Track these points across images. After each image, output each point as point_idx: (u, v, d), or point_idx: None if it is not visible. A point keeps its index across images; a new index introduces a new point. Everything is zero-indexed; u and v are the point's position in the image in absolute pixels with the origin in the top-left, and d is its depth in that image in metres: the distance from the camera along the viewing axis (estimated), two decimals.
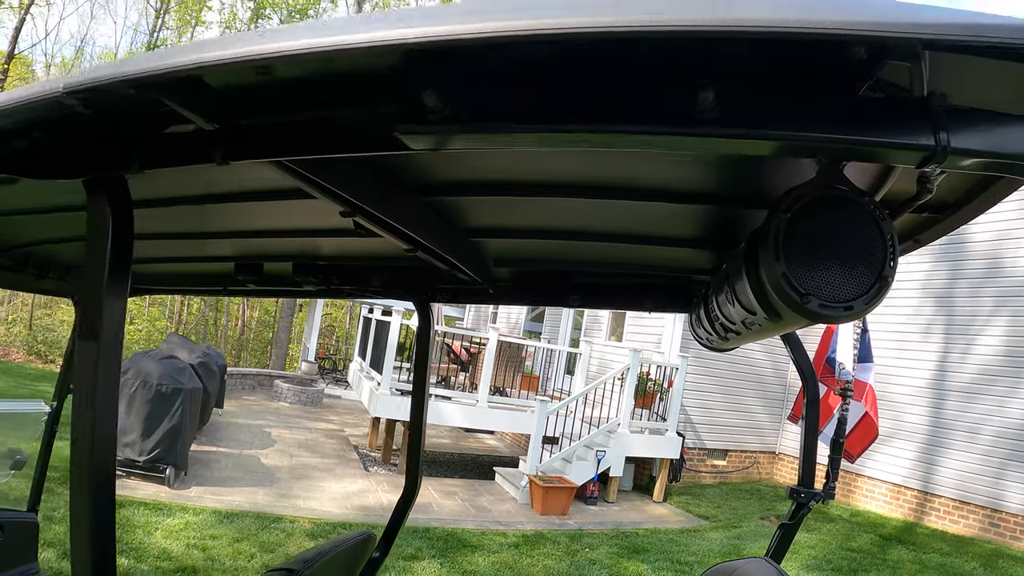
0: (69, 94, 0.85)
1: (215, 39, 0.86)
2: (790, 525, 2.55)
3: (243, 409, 14.72)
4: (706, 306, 1.68)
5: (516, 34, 0.64)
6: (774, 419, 14.70)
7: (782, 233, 0.94)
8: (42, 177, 1.06)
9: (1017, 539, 10.13)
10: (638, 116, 0.77)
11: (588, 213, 1.71)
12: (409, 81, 0.80)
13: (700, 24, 0.61)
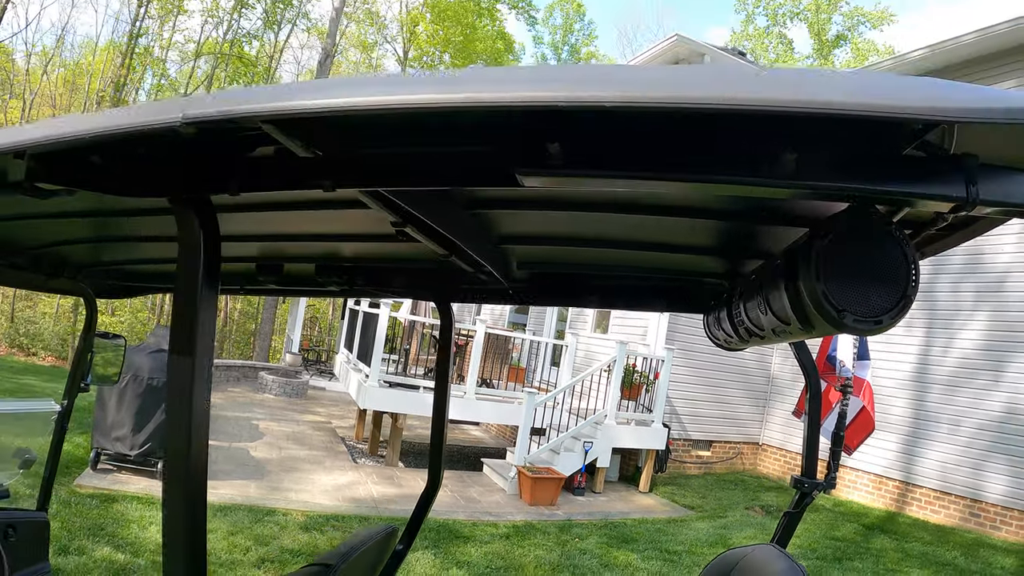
0: (188, 124, 0.88)
1: (351, 80, 0.90)
2: (794, 513, 2.68)
3: (229, 401, 14.68)
4: (729, 311, 1.77)
5: (643, 104, 0.73)
6: (757, 411, 14.86)
7: (822, 255, 1.04)
8: (132, 195, 1.11)
9: (997, 528, 10.32)
10: (739, 171, 0.89)
11: (609, 222, 1.77)
12: (538, 132, 0.89)
13: (793, 104, 0.71)
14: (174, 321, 1.09)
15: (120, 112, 0.94)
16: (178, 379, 1.07)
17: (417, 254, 2.17)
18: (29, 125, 1.03)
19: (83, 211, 1.79)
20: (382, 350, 11.07)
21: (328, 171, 1.04)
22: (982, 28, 11.07)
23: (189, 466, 1.07)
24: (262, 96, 0.86)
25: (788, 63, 38.07)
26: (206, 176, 1.09)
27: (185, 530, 1.07)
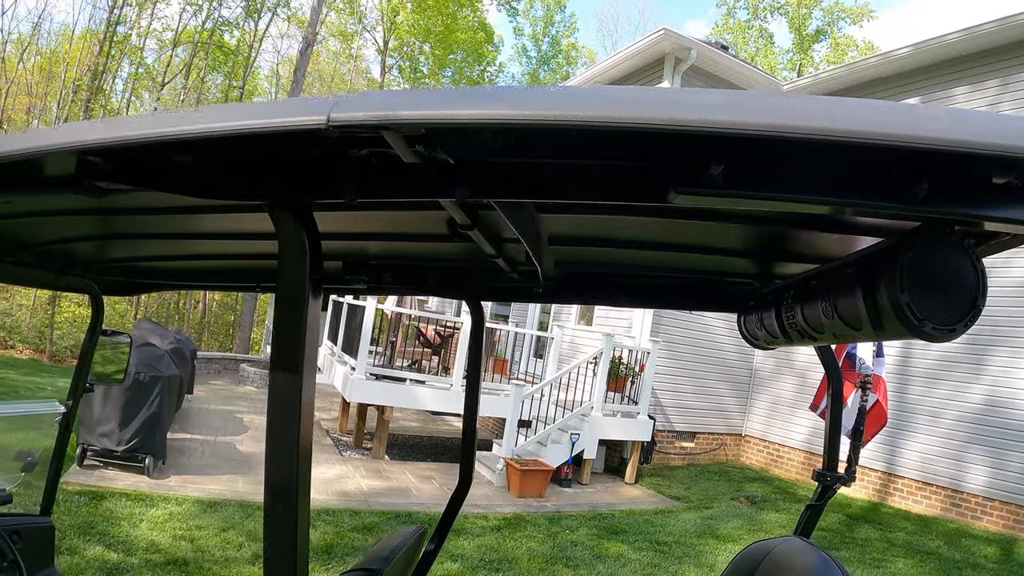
0: (335, 127, 0.85)
1: (511, 91, 0.87)
2: (817, 505, 2.68)
3: (212, 394, 14.58)
4: (778, 312, 1.84)
5: (814, 134, 0.77)
6: (740, 402, 14.97)
7: (907, 268, 1.11)
8: (221, 198, 1.09)
9: (978, 518, 10.48)
10: (878, 197, 0.94)
11: (644, 225, 1.78)
12: (703, 153, 0.91)
13: (937, 142, 0.77)
14: (277, 324, 1.08)
15: (252, 109, 0.91)
16: (282, 382, 1.07)
17: (448, 253, 2.18)
18: (102, 121, 0.99)
19: (95, 208, 1.74)
20: (369, 343, 11.01)
21: (466, 180, 1.03)
22: (967, 28, 11.19)
23: (293, 473, 1.06)
24: (422, 102, 0.84)
25: (768, 57, 38.27)
26: (318, 181, 1.07)
27: (288, 545, 1.08)
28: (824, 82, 13.95)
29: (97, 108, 24.74)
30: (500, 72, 46.28)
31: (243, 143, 0.96)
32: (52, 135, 0.99)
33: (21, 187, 1.17)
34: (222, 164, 1.09)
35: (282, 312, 1.08)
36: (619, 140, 0.87)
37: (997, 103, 11.21)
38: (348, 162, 1.05)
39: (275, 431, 1.07)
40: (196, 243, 2.26)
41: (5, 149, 1.00)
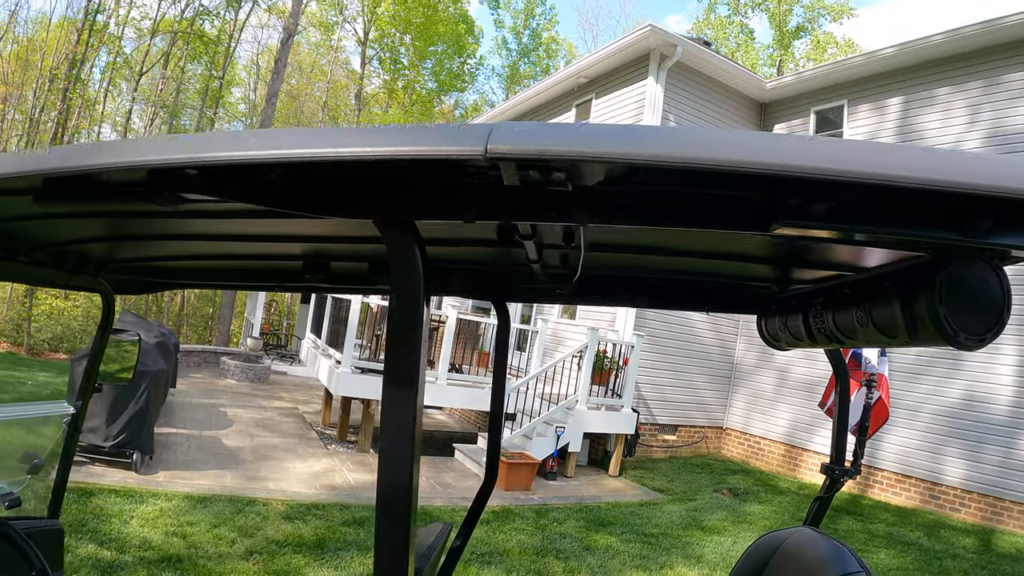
0: (492, 158, 0.88)
1: (651, 130, 0.94)
2: (825, 497, 2.78)
3: (194, 388, 14.49)
4: (806, 316, 1.95)
5: (911, 182, 0.87)
6: (721, 396, 15.13)
7: (946, 283, 1.22)
8: (330, 215, 1.12)
9: (956, 510, 10.70)
10: (944, 229, 1.05)
11: (668, 232, 1.84)
12: (809, 192, 1.00)
13: (996, 190, 0.88)
14: (391, 332, 1.13)
15: (403, 134, 0.95)
16: (398, 385, 1.11)
17: (476, 255, 2.24)
18: (209, 136, 1.02)
19: (112, 211, 1.75)
20: (355, 336, 11.00)
21: (585, 206, 1.09)
22: (951, 29, 11.35)
23: (404, 472, 1.10)
24: (572, 138, 0.88)
25: (749, 53, 38.44)
26: (433, 201, 1.12)
27: (401, 551, 1.10)
28: (808, 80, 14.06)
29: (75, 98, 24.42)
30: (480, 65, 46.22)
31: (370, 165, 0.98)
32: (165, 147, 1.02)
33: (95, 197, 1.19)
34: (330, 181, 1.12)
35: (397, 320, 1.12)
36: (736, 177, 0.92)
37: (979, 104, 11.38)
38: (460, 183, 1.08)
39: (390, 432, 1.11)
40: (214, 244, 2.27)
41: (109, 161, 1.02)
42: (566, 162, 0.90)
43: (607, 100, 14.89)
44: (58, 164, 1.07)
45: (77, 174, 1.06)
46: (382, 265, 2.37)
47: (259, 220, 1.77)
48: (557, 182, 0.98)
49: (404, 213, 1.11)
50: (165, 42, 31.21)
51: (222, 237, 2.12)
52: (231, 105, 40.72)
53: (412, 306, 1.11)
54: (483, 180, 1.05)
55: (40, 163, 1.10)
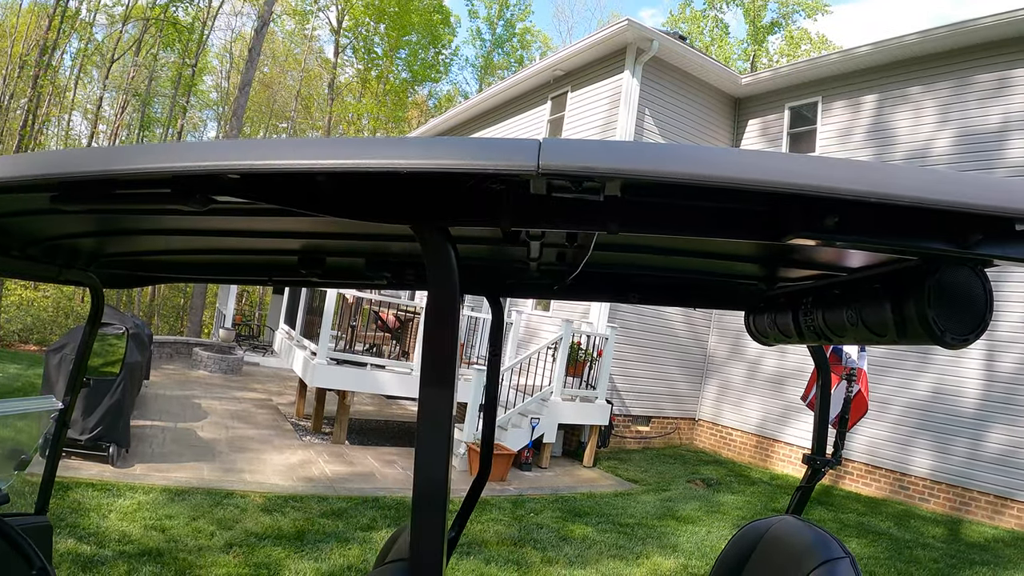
0: (543, 175, 0.94)
1: (682, 149, 0.99)
2: (807, 487, 2.84)
3: (167, 379, 14.38)
4: (795, 314, 2.05)
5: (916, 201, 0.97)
6: (694, 387, 15.28)
7: (935, 288, 1.32)
8: (369, 220, 1.17)
9: (925, 501, 10.94)
10: (941, 241, 1.15)
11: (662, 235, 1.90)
12: (822, 206, 1.08)
13: (993, 210, 0.99)
14: (428, 330, 1.18)
15: (454, 147, 0.99)
16: (434, 381, 1.16)
17: (472, 252, 2.27)
18: (250, 142, 1.04)
19: (109, 208, 1.76)
20: (330, 327, 10.98)
21: (617, 216, 1.15)
22: (924, 30, 11.56)
23: (441, 463, 1.16)
24: (617, 156, 0.95)
25: (723, 48, 38.62)
26: (470, 207, 1.16)
27: (436, 544, 1.16)
28: (783, 76, 14.20)
29: (46, 85, 24.03)
30: (455, 55, 45.99)
31: (410, 174, 1.02)
32: (201, 152, 1.04)
33: (125, 198, 1.23)
34: (371, 188, 1.17)
35: (433, 319, 1.18)
36: (756, 193, 0.99)
37: (949, 104, 11.59)
38: (497, 191, 1.14)
39: (427, 425, 1.16)
40: (208, 239, 2.27)
41: (139, 166, 1.06)
42: (607, 177, 0.96)
43: (583, 93, 14.94)
44: (87, 167, 1.09)
45: (109, 178, 1.09)
46: (379, 261, 2.41)
47: (257, 217, 1.79)
48: (590, 191, 1.05)
49: (442, 219, 1.16)
50: (137, 29, 30.76)
51: (217, 232, 2.12)
52: (203, 93, 40.27)
53: (448, 305, 1.16)
54: (517, 189, 1.10)
55: (66, 164, 1.12)
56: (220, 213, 1.74)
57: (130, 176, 1.08)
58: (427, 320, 1.19)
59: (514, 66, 44.33)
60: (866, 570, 7.51)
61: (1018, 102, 10.78)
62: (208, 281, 3.35)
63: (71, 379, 3.08)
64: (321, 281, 2.72)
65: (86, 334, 3.01)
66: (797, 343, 2.17)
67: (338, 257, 2.42)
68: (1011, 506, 10.09)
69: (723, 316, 15.12)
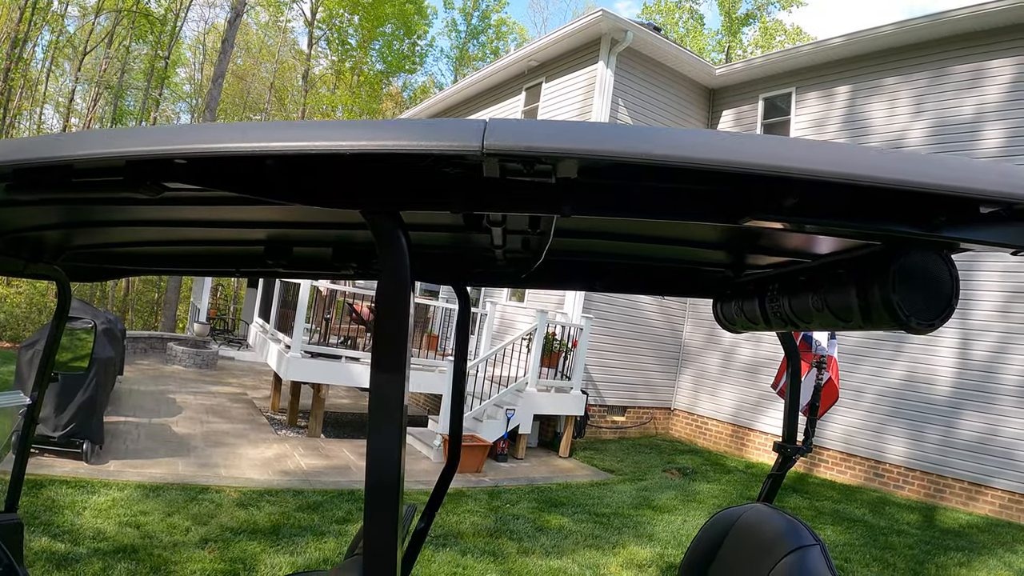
0: (489, 155, 0.92)
1: (630, 129, 0.97)
2: (778, 475, 2.86)
3: (141, 375, 14.27)
4: (762, 301, 2.06)
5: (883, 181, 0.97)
6: (669, 377, 15.38)
7: (899, 273, 1.33)
8: (317, 204, 1.15)
9: (900, 487, 11.10)
10: (904, 224, 1.16)
11: (621, 220, 1.89)
12: (781, 188, 1.08)
13: (959, 190, 0.99)
14: (379, 319, 1.16)
15: (401, 129, 0.97)
16: (385, 370, 1.14)
17: (437, 240, 2.26)
18: (198, 127, 1.02)
19: (70, 198, 1.73)
20: (304, 320, 10.94)
21: (569, 199, 1.14)
22: (899, 21, 11.69)
23: (393, 453, 1.13)
24: (566, 135, 0.93)
25: (698, 40, 38.75)
26: (420, 191, 1.15)
27: (389, 535, 1.13)
28: (757, 67, 14.28)
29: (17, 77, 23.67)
30: (431, 47, 45.79)
31: (364, 157, 1.02)
32: (147, 137, 1.03)
33: (80, 186, 1.19)
34: (320, 172, 1.15)
35: (384, 305, 1.16)
36: (710, 174, 0.98)
37: (924, 95, 11.71)
38: (446, 175, 1.12)
39: (379, 414, 1.14)
40: (174, 230, 2.25)
41: (87, 151, 1.03)
42: (555, 158, 0.95)
43: (557, 84, 14.94)
44: (37, 153, 1.08)
45: (58, 164, 1.07)
46: (345, 250, 2.40)
47: (221, 206, 1.77)
48: (542, 174, 1.03)
49: (392, 204, 1.15)
50: (109, 21, 30.37)
51: (182, 223, 2.11)
52: (176, 86, 39.87)
53: (399, 292, 1.14)
54: (469, 172, 1.09)
55: (18, 151, 1.10)
56: (184, 202, 1.72)
57: (79, 161, 1.05)
58: (378, 306, 1.17)
59: (489, 57, 44.22)
60: (842, 557, 7.61)
61: (992, 93, 10.93)
62: (176, 273, 3.32)
63: (38, 374, 3.04)
64: (288, 271, 2.69)
65: (53, 328, 2.98)
66: (764, 330, 2.18)
67: (304, 247, 2.41)
68: (985, 492, 10.26)
69: (697, 305, 15.23)
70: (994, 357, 10.48)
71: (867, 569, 7.33)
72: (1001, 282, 10.48)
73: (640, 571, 6.81)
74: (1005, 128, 10.69)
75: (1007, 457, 10.10)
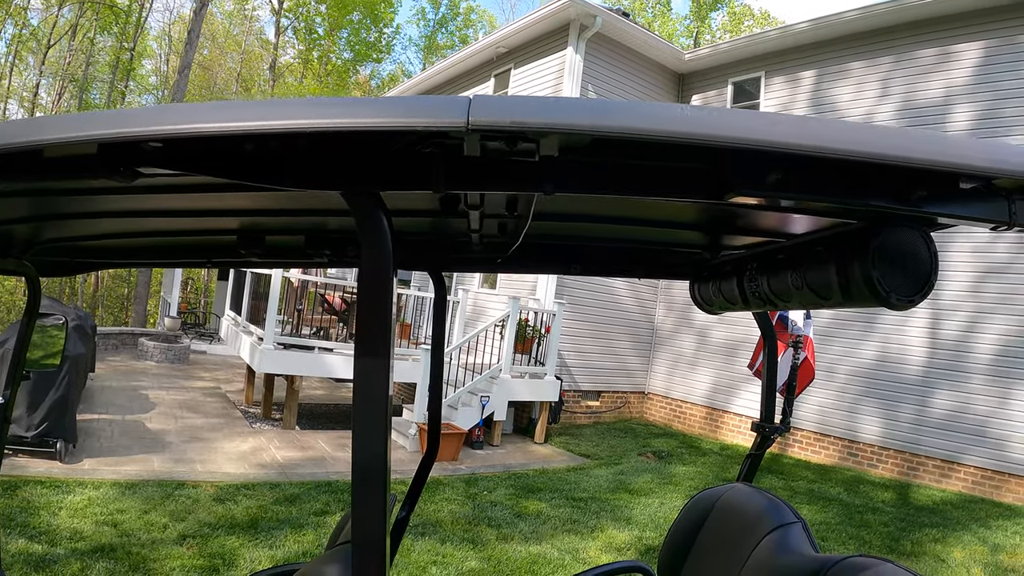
0: (474, 130, 0.91)
1: (612, 104, 0.95)
2: (756, 454, 2.90)
3: (113, 371, 14.13)
4: (740, 281, 2.06)
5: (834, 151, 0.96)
6: (643, 361, 15.49)
7: (879, 249, 1.35)
8: (297, 188, 1.11)
9: (874, 466, 11.30)
10: (883, 199, 1.17)
11: (601, 201, 1.89)
12: (763, 162, 1.08)
13: (937, 163, 1.00)
14: (362, 302, 1.13)
15: (385, 106, 0.94)
16: (368, 354, 1.12)
17: (412, 226, 2.24)
18: (171, 108, 0.97)
19: (40, 188, 1.67)
20: (276, 311, 10.88)
21: (551, 176, 1.12)
22: (864, 7, 11.82)
23: (379, 441, 1.11)
24: (550, 110, 0.91)
25: (666, 25, 38.80)
26: (401, 171, 1.12)
27: (377, 523, 1.12)
28: (725, 52, 14.36)
29: None
30: (397, 34, 45.44)
31: (343, 137, 0.98)
32: (121, 119, 0.98)
33: (51, 174, 1.14)
34: (299, 154, 1.11)
35: (366, 293, 1.13)
36: (695, 149, 0.98)
37: (890, 78, 11.85)
38: (428, 154, 1.09)
39: (363, 402, 1.11)
40: (145, 221, 2.22)
41: (57, 135, 0.98)
42: (541, 133, 0.94)
43: (526, 70, 14.93)
44: (5, 139, 1.02)
45: (27, 149, 1.02)
46: (319, 238, 2.37)
47: (193, 194, 1.75)
48: (525, 152, 1.02)
49: (373, 185, 1.12)
50: (73, 13, 29.87)
51: (154, 213, 2.07)
52: (142, 78, 39.30)
53: (381, 278, 1.11)
54: (451, 151, 1.07)
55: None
56: (156, 191, 1.70)
57: (50, 147, 1.01)
58: (360, 292, 1.14)
59: (458, 46, 44.00)
60: (819, 535, 7.73)
61: (958, 75, 11.08)
62: (148, 265, 3.26)
63: (10, 372, 3.01)
64: (261, 261, 2.64)
65: (24, 326, 2.93)
66: (742, 310, 2.20)
67: (277, 235, 2.38)
68: (958, 469, 10.47)
69: (670, 289, 15.33)
70: (965, 336, 10.67)
71: (844, 547, 7.46)
72: (972, 261, 10.67)
73: (619, 554, 6.89)
74: (972, 111, 10.86)
75: (979, 434, 10.31)
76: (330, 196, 1.58)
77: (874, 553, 4.17)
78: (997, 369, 10.26)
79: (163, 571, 5.37)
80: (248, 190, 1.66)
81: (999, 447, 10.10)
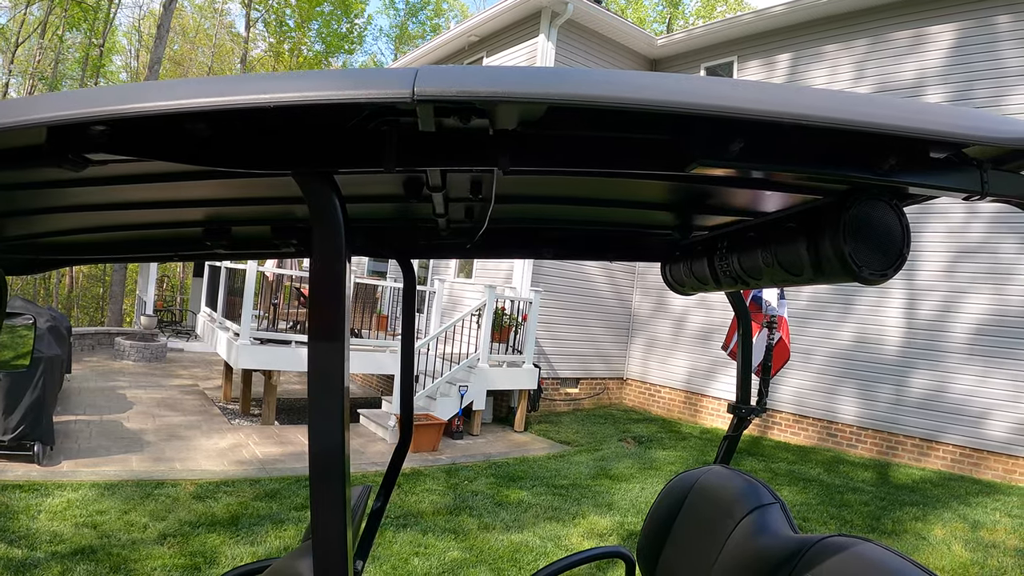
0: (420, 101, 0.88)
1: (579, 72, 0.95)
2: (733, 436, 2.91)
3: (90, 371, 14.02)
4: (711, 260, 2.06)
5: (805, 118, 0.96)
6: (620, 346, 15.57)
7: (849, 223, 1.34)
8: (246, 168, 1.08)
9: (853, 447, 11.45)
10: (857, 168, 1.18)
11: (567, 182, 1.88)
12: (726, 131, 1.07)
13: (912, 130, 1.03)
14: (314, 289, 1.09)
15: (329, 79, 0.91)
16: (322, 343, 1.08)
17: (377, 212, 2.23)
18: (115, 89, 0.93)
19: (5, 183, 1.65)
20: (251, 306, 10.83)
21: (507, 151, 1.10)
22: None
23: (332, 441, 1.07)
24: (496, 79, 0.90)
25: (638, 11, 38.76)
26: (351, 151, 1.09)
27: (337, 515, 1.08)
28: (698, 37, 14.40)
29: None
30: (368, 24, 45.12)
31: (286, 113, 0.95)
32: (56, 102, 0.94)
33: None
34: (248, 133, 1.08)
35: (318, 279, 1.09)
36: (654, 118, 0.98)
37: (865, 60, 11.95)
38: (379, 131, 1.06)
39: (318, 393, 1.07)
40: (109, 214, 2.19)
41: (5, 120, 0.94)
42: (490, 102, 0.91)
43: (499, 58, 14.91)
44: None
45: None
46: (285, 227, 2.34)
47: (155, 185, 1.72)
48: (479, 128, 1.01)
49: (323, 164, 1.09)
50: (42, 10, 29.43)
51: (117, 206, 2.05)
52: (112, 74, 38.84)
53: (334, 263, 1.08)
54: (403, 127, 1.05)
55: None
56: (116, 182, 1.67)
57: None
58: (312, 277, 1.09)
59: (430, 35, 43.83)
60: (799, 516, 7.83)
61: (932, 57, 11.20)
62: (115, 260, 3.22)
63: None
64: (228, 252, 2.61)
65: None
66: (714, 290, 2.20)
67: (243, 226, 2.35)
68: (936, 448, 10.64)
69: (646, 274, 15.42)
70: (941, 316, 10.82)
71: (824, 527, 7.56)
72: (946, 242, 10.81)
73: (601, 540, 6.95)
74: (946, 93, 10.97)
75: (956, 412, 10.46)
76: (293, 183, 1.59)
77: (855, 533, 4.25)
78: (974, 348, 10.40)
79: (144, 571, 5.36)
80: (208, 178, 1.64)
81: (977, 425, 10.25)
